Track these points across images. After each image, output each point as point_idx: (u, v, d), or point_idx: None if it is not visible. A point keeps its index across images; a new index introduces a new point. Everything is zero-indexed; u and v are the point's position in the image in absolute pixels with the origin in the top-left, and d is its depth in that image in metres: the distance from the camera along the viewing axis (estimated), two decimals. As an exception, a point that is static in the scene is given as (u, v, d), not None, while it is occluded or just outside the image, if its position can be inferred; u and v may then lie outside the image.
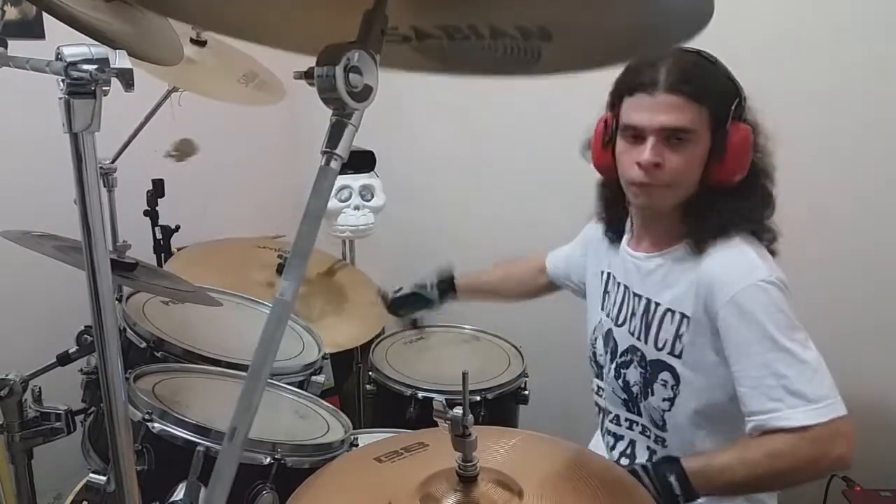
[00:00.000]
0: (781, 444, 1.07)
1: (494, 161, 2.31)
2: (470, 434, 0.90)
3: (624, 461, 1.35)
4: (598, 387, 1.44)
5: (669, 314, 1.24)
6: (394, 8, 0.62)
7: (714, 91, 1.17)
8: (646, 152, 1.17)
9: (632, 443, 1.34)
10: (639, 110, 1.18)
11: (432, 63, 0.75)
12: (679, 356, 1.22)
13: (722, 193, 1.20)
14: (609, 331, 1.38)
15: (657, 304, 1.26)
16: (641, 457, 1.32)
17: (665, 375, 1.24)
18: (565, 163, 1.38)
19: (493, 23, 0.65)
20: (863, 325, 1.76)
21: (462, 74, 0.79)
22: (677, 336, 1.22)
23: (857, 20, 1.68)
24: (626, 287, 1.35)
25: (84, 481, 1.28)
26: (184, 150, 1.90)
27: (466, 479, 0.93)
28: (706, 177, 1.19)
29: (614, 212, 1.38)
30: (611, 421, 1.38)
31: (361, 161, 2.09)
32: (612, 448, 1.38)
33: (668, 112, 1.16)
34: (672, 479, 1.08)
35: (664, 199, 1.23)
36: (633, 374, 1.30)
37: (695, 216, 1.23)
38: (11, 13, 1.83)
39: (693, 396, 1.22)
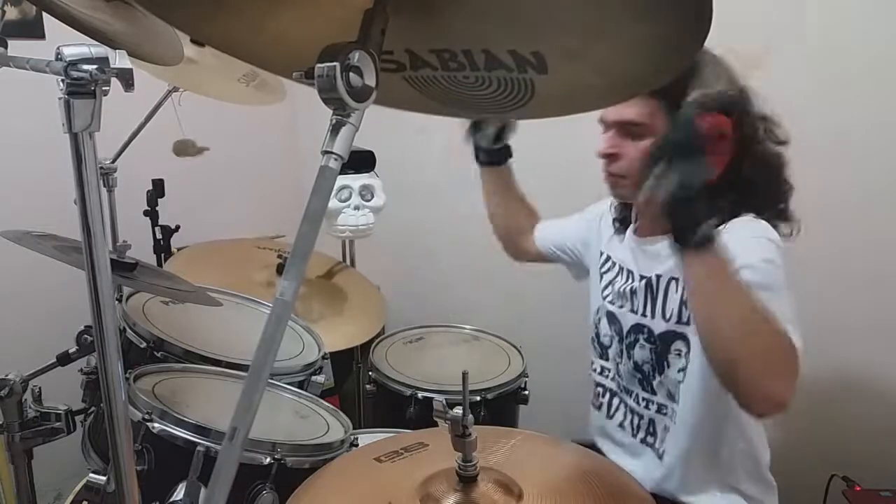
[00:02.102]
0: (776, 326, 1.02)
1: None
2: (470, 434, 0.90)
3: (650, 439, 1.34)
4: (602, 367, 1.44)
5: (674, 282, 1.24)
6: (390, 29, 0.62)
7: (669, 83, 1.17)
8: (603, 143, 1.24)
9: (651, 421, 1.34)
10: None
11: (426, 101, 0.74)
12: (687, 322, 1.22)
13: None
14: (612, 314, 1.38)
15: (658, 276, 1.27)
16: (662, 435, 1.31)
17: (678, 345, 1.24)
18: (566, 162, 1.39)
19: (489, 47, 0.65)
20: (865, 324, 1.76)
21: (455, 114, 0.78)
22: (683, 302, 1.22)
23: (865, 13, 1.68)
24: (629, 271, 1.35)
25: (84, 481, 1.28)
26: (182, 149, 1.89)
27: (466, 479, 0.93)
28: None
29: (625, 203, 1.40)
30: (633, 400, 1.38)
31: (361, 161, 2.09)
32: (637, 428, 1.37)
33: (622, 106, 1.21)
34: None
35: (624, 189, 1.27)
36: (641, 353, 1.31)
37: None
38: (11, 13, 1.82)
39: (703, 362, 1.21)
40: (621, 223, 1.42)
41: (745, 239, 1.13)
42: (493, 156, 1.61)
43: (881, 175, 1.71)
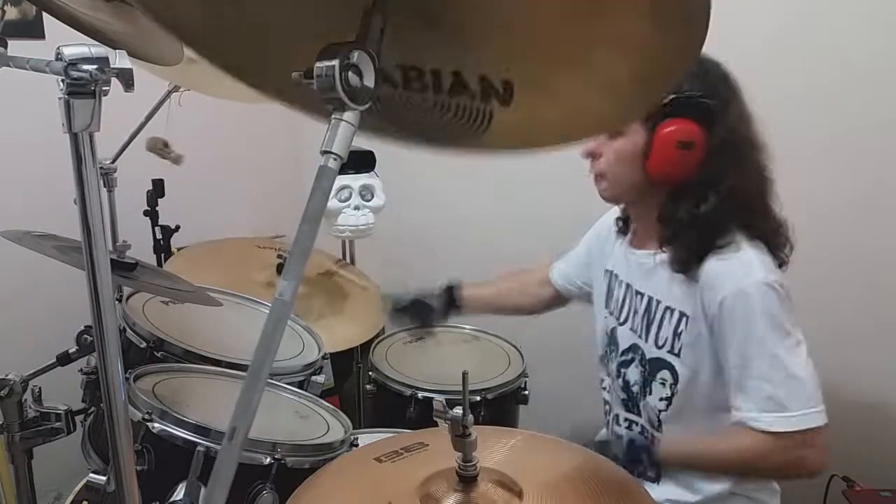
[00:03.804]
0: (751, 444, 1.12)
1: (494, 161, 2.31)
2: (470, 434, 0.90)
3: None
4: (603, 381, 1.45)
5: (668, 312, 1.24)
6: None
7: None
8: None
9: (631, 441, 1.34)
10: None
11: (375, 120, 0.70)
12: (678, 354, 1.23)
13: (680, 197, 1.21)
14: (613, 329, 1.38)
15: (658, 302, 1.26)
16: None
17: (664, 374, 1.25)
18: (566, 162, 1.38)
19: (460, 70, 0.64)
20: (862, 325, 1.76)
21: (401, 137, 0.73)
22: (676, 334, 1.22)
23: (859, 18, 1.68)
24: (628, 285, 1.35)
25: (84, 481, 1.28)
26: (155, 147, 1.88)
27: (466, 479, 0.93)
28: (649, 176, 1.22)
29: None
30: (612, 420, 1.39)
31: (361, 161, 2.09)
32: None
33: None
34: (644, 456, 1.17)
35: (606, 190, 1.30)
36: (633, 374, 1.31)
37: (662, 221, 1.25)
38: (11, 13, 1.82)
39: (690, 396, 1.23)
40: (623, 223, 1.42)
41: (734, 290, 1.14)
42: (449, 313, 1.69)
43: (876, 178, 1.72)
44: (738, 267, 1.16)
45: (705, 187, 1.19)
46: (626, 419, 1.34)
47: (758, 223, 1.21)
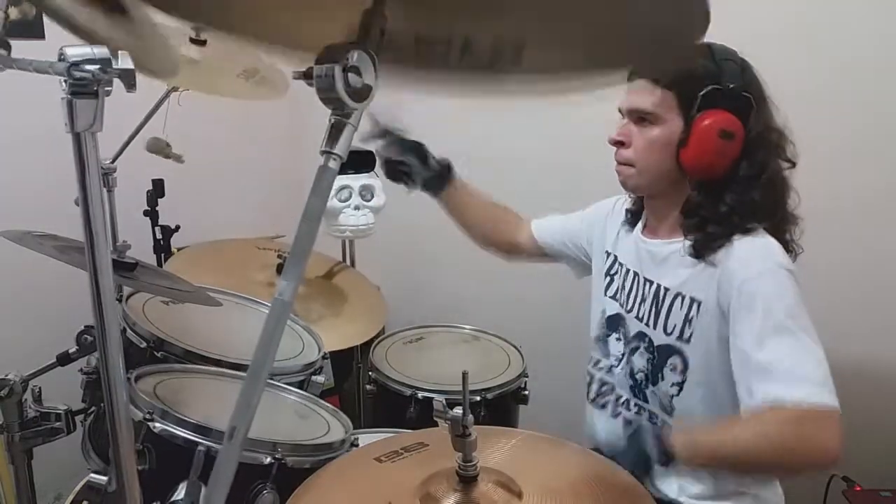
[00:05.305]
0: (770, 425, 1.06)
1: (494, 161, 2.31)
2: (470, 434, 0.90)
3: None
4: (597, 360, 1.44)
5: (679, 298, 1.23)
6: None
7: (683, 75, 1.18)
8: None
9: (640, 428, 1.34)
10: (625, 95, 1.26)
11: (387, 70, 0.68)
12: (688, 341, 1.22)
13: (710, 190, 1.21)
14: (618, 316, 1.38)
15: (667, 289, 1.26)
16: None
17: (674, 360, 1.24)
18: (566, 163, 1.39)
19: (470, 37, 0.64)
20: (863, 325, 1.76)
21: (417, 85, 0.71)
22: (686, 321, 1.22)
23: (859, 17, 1.68)
24: (636, 273, 1.34)
25: (84, 481, 1.28)
26: (157, 148, 1.88)
27: (466, 479, 0.93)
28: (682, 166, 1.21)
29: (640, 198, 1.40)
30: (617, 403, 1.38)
31: (361, 161, 2.09)
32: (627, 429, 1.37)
33: (635, 95, 1.22)
34: (652, 444, 1.09)
35: (632, 180, 1.27)
36: (639, 361, 1.30)
37: (688, 212, 1.24)
38: (11, 13, 1.82)
39: (702, 380, 1.22)
40: (633, 216, 1.40)
41: (757, 272, 1.13)
42: (433, 183, 1.62)
43: (881, 180, 1.72)
44: (759, 251, 1.16)
45: (738, 181, 1.19)
46: (635, 404, 1.34)
47: (779, 219, 1.22)
